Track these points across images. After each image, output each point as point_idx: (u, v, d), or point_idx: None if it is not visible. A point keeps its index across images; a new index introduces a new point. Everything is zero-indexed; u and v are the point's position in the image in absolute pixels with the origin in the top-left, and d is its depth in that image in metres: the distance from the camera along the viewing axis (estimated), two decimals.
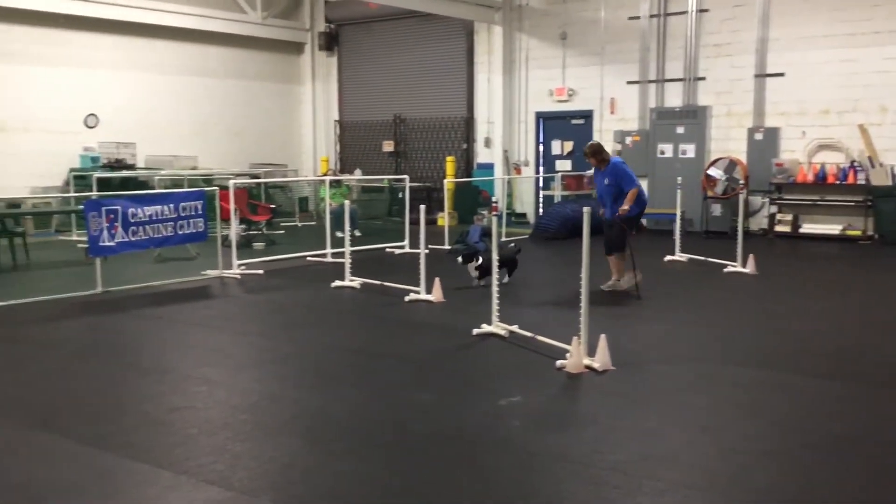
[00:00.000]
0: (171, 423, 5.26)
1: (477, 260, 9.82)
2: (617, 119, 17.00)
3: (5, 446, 4.85)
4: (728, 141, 15.73)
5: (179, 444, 4.89)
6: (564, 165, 17.82)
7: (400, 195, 17.35)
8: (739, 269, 11.16)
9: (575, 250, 6.86)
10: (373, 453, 4.79)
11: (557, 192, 16.84)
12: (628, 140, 16.68)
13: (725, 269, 11.25)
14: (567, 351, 6.43)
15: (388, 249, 13.47)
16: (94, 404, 5.66)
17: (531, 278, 10.68)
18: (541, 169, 18.32)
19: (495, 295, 7.52)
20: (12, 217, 12.97)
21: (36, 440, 4.94)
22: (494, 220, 8.10)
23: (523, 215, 18.20)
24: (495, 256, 7.73)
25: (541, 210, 17.76)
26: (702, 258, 11.99)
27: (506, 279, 9.81)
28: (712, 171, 15.47)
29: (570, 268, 9.15)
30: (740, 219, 11.75)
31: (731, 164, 15.33)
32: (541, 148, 18.41)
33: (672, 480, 4.32)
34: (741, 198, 12.12)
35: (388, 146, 20.48)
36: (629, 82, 16.72)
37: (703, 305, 9.30)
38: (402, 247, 13.37)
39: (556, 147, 18.17)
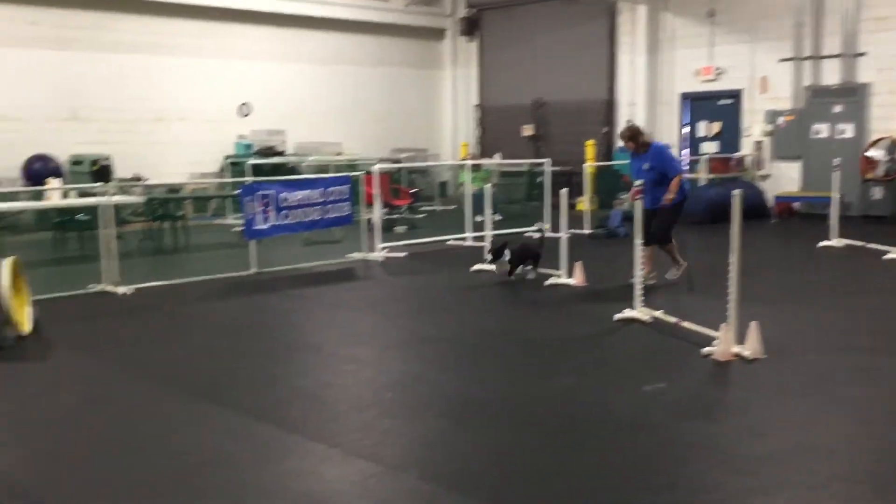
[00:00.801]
0: (322, 398, 5.49)
1: (505, 255, 9.46)
2: (768, 98, 16.26)
3: (172, 416, 5.19)
4: (891, 121, 14.75)
5: (331, 419, 5.10)
6: (711, 148, 17.24)
7: (539, 179, 17.28)
8: None
9: (719, 235, 6.66)
10: (515, 435, 4.84)
11: (703, 176, 16.32)
12: (781, 120, 15.95)
13: (885, 256, 10.60)
14: (713, 338, 6.26)
15: (526, 234, 13.46)
16: (250, 378, 5.97)
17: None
18: (685, 152, 17.79)
19: (638, 280, 7.41)
20: (173, 202, 13.80)
21: (199, 411, 5.27)
22: (637, 204, 7.96)
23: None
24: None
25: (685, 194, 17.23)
26: (859, 244, 11.35)
27: (531, 275, 9.50)
28: (872, 153, 14.57)
29: (714, 252, 8.85)
30: None
31: (894, 145, 14.39)
32: (686, 130, 17.88)
33: (826, 474, 4.14)
34: None
35: (527, 130, 20.40)
36: (782, 60, 15.95)
37: (860, 293, 8.81)
38: (540, 231, 13.31)
39: (702, 129, 17.60)
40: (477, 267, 10.25)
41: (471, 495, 3.98)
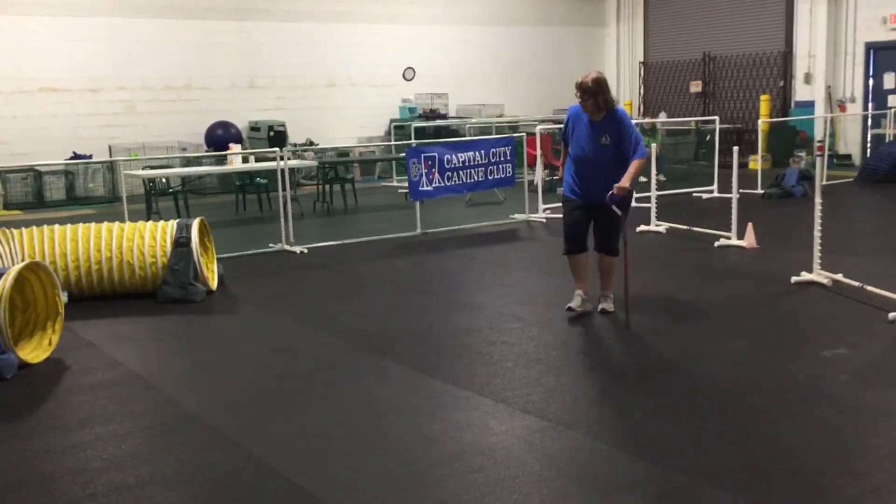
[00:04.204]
0: (489, 355, 5.60)
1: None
2: None
3: (350, 368, 5.46)
4: None
5: (497, 374, 5.20)
6: None
7: (708, 138, 16.66)
8: None
9: None
10: (685, 398, 4.76)
11: (890, 131, 15.18)
12: None
13: None
14: None
15: (695, 194, 13.04)
16: (420, 334, 6.17)
17: (857, 225, 9.82)
18: (870, 105, 16.60)
19: (817, 241, 7.04)
20: (343, 165, 14.31)
21: (374, 363, 5.51)
22: (818, 160, 7.53)
23: (847, 157, 16.66)
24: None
25: (869, 151, 16.15)
26: None
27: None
28: None
29: None
30: None
31: None
32: (870, 82, 16.65)
33: None
34: None
35: (695, 86, 19.65)
36: None
37: None
38: (710, 191, 12.87)
39: (888, 81, 16.33)
40: (642, 228, 10.05)
41: (640, 455, 3.96)
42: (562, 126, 6.58)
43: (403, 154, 11.00)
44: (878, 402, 4.53)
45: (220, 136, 15.65)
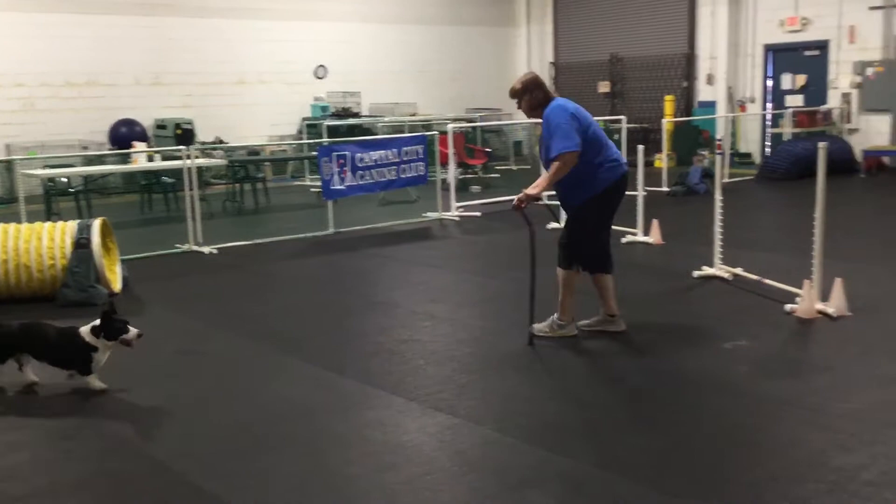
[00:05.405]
0: (401, 353, 5.59)
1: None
2: (857, 49, 15.59)
3: (260, 369, 5.37)
4: None
5: (410, 373, 5.20)
6: (796, 101, 16.66)
7: (616, 137, 17.04)
8: None
9: (804, 191, 6.48)
10: (593, 389, 4.86)
11: (787, 130, 15.82)
12: (870, 71, 15.30)
13: None
14: (797, 295, 6.13)
15: None
16: (333, 333, 6.12)
17: (756, 220, 10.21)
18: (769, 105, 17.26)
19: (718, 237, 7.28)
20: (253, 164, 14.07)
21: (285, 364, 5.43)
22: (718, 159, 7.79)
23: (748, 155, 17.29)
24: None
25: (768, 149, 16.79)
26: None
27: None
28: None
29: (798, 209, 8.61)
30: None
31: None
32: (769, 83, 17.32)
33: None
34: None
35: (603, 87, 20.07)
36: (872, 7, 15.24)
37: None
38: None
39: (786, 81, 17.02)
40: (552, 225, 10.19)
41: (549, 448, 4.02)
42: (474, 124, 6.56)
43: (315, 153, 10.89)
44: (777, 391, 4.71)
45: (124, 135, 15.20)
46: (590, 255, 5.72)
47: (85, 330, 5.05)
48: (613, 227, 5.89)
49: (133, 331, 5.05)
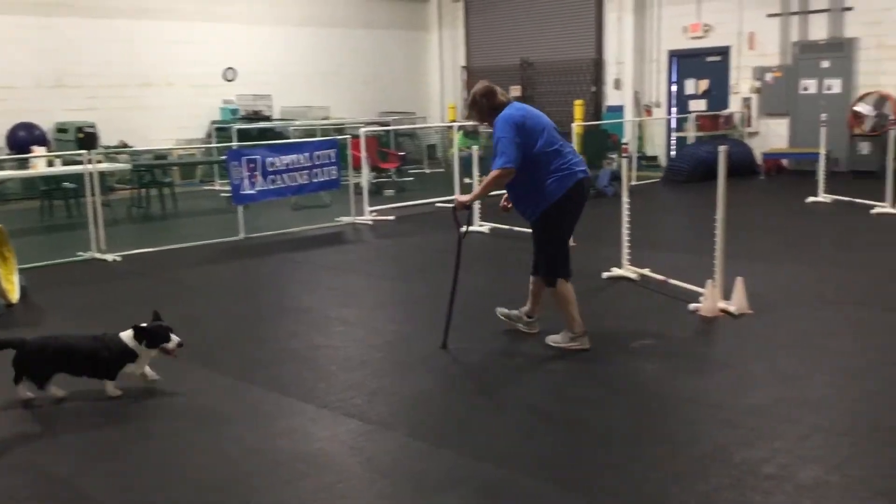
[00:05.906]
0: (313, 359, 5.52)
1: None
2: (756, 55, 16.20)
3: (168, 381, 5.21)
4: (879, 75, 14.72)
5: (321, 379, 5.13)
6: (699, 105, 17.20)
7: None
8: (889, 209, 10.56)
9: (708, 193, 6.68)
10: (503, 392, 4.89)
11: (691, 133, 16.32)
12: (769, 76, 15.91)
13: (873, 211, 10.67)
14: (701, 294, 6.31)
15: None
16: (241, 341, 6.00)
17: (662, 222, 10.48)
18: (673, 110, 17.76)
19: (625, 238, 7.44)
20: (160, 168, 13.70)
21: (192, 373, 5.29)
22: (624, 162, 7.96)
23: (654, 158, 17.75)
24: None
25: (673, 152, 17.28)
26: (847, 199, 11.41)
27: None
28: (860, 107, 14.58)
29: (702, 210, 8.88)
30: (889, 156, 11.03)
31: (882, 100, 14.41)
32: (673, 88, 17.83)
33: (812, 424, 4.21)
34: (892, 134, 11.37)
35: (515, 91, 20.25)
36: (769, 15, 15.87)
37: (848, 248, 8.88)
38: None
39: (689, 86, 17.55)
40: (466, 229, 10.23)
41: (460, 452, 4.03)
42: (387, 128, 6.55)
43: (225, 157, 10.67)
44: (681, 389, 4.84)
45: (22, 139, 14.58)
46: (564, 261, 5.56)
47: (126, 335, 4.83)
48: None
49: (175, 339, 4.85)
